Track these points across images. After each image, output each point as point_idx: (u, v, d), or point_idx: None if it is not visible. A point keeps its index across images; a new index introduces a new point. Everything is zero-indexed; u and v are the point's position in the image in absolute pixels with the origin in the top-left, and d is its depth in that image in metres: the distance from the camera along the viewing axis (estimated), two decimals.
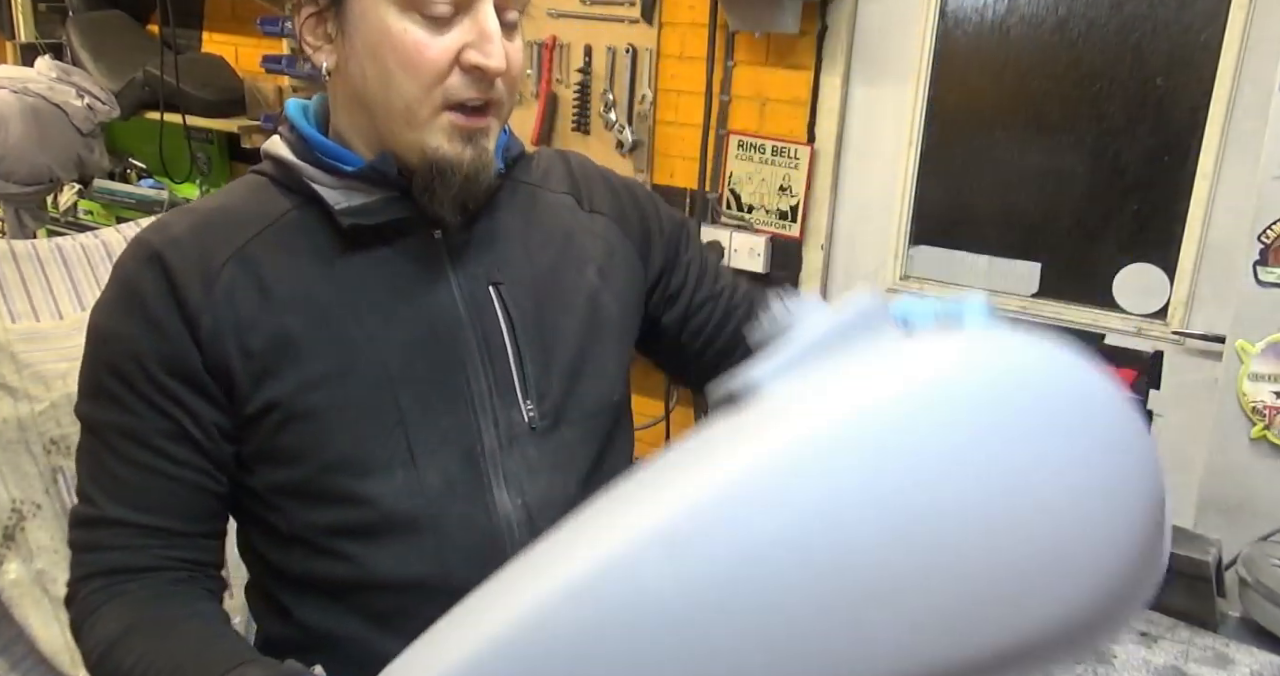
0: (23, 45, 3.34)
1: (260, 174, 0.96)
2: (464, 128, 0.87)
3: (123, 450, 0.88)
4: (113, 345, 0.88)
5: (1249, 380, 1.75)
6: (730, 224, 2.55)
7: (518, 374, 0.95)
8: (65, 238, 2.09)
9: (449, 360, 0.92)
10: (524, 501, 0.93)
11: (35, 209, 3.16)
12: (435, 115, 0.86)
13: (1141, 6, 2.06)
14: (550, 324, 0.97)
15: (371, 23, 0.85)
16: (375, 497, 0.89)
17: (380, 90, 0.86)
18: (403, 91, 0.86)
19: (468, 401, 0.92)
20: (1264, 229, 1.71)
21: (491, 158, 0.91)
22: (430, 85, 0.85)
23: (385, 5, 0.84)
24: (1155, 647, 1.09)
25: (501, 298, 0.95)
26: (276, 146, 0.95)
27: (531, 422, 0.95)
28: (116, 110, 3.06)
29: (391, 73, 0.85)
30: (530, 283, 0.97)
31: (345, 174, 0.90)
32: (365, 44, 0.86)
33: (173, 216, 0.93)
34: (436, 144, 0.87)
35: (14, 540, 1.81)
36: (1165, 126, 2.07)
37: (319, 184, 0.91)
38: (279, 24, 2.85)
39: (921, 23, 2.27)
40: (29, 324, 1.89)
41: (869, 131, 2.39)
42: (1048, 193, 2.21)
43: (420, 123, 0.87)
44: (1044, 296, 2.26)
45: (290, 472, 0.90)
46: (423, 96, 0.85)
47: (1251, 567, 1.14)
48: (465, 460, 0.92)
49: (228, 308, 0.87)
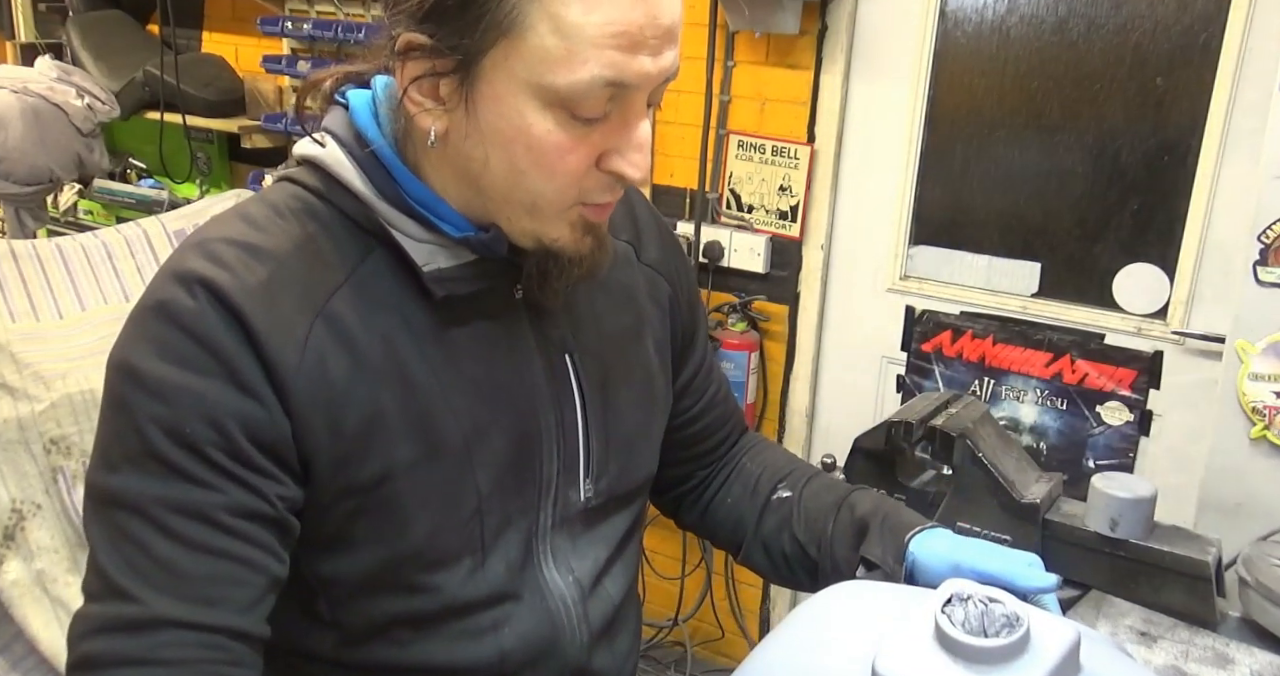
0: (23, 45, 3.34)
1: (320, 197, 0.81)
2: (588, 222, 0.80)
3: (181, 531, 0.71)
4: (176, 403, 0.72)
5: (1249, 380, 1.75)
6: (730, 224, 2.55)
7: (584, 453, 0.90)
8: (65, 237, 2.09)
9: (527, 439, 0.86)
10: (574, 577, 0.91)
11: (35, 209, 3.16)
12: (564, 212, 0.78)
13: (1141, 6, 2.06)
14: (613, 398, 0.92)
15: (506, 111, 0.73)
16: (439, 587, 0.83)
17: (505, 181, 0.76)
18: (532, 189, 0.76)
19: (536, 482, 0.87)
20: (1264, 229, 1.71)
21: (610, 245, 0.84)
22: (566, 188, 0.76)
23: (525, 96, 0.72)
24: (1155, 647, 1.09)
25: (576, 369, 0.89)
26: (343, 169, 0.80)
27: (587, 502, 0.91)
28: (116, 110, 3.06)
29: (524, 171, 0.75)
30: (599, 351, 0.92)
31: (436, 230, 0.80)
32: (493, 130, 0.74)
33: (229, 252, 0.76)
34: (558, 234, 0.79)
35: (14, 540, 1.81)
36: (1165, 126, 2.07)
37: (403, 234, 0.80)
38: (279, 24, 2.85)
39: (921, 23, 2.27)
40: (29, 324, 1.89)
41: (869, 131, 2.39)
42: (1048, 193, 2.22)
43: (547, 217, 0.78)
44: (1044, 296, 2.26)
45: (351, 562, 0.81)
46: (555, 197, 0.77)
47: (1251, 567, 1.14)
48: (523, 543, 0.88)
49: (320, 377, 0.75)
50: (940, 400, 1.31)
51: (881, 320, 2.46)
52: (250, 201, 0.83)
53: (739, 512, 1.08)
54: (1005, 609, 0.61)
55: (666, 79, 0.75)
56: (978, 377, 2.35)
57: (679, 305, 1.02)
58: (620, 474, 0.94)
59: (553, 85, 0.71)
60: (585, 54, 0.69)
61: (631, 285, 0.97)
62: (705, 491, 1.12)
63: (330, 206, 0.80)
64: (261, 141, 3.00)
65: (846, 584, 0.78)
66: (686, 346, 1.04)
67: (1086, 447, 2.26)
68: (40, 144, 2.90)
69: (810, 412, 2.62)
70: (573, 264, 0.81)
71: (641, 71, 0.72)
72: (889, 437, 1.26)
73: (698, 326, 1.06)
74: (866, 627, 0.66)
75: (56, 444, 1.81)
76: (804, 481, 1.06)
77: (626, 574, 0.99)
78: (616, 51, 0.70)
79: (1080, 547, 1.17)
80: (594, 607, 0.93)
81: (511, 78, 0.71)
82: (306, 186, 0.81)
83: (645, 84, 0.73)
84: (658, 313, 0.99)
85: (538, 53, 0.70)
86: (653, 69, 0.72)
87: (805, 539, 1.01)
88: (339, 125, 0.81)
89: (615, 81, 0.71)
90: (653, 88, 0.74)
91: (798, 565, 1.02)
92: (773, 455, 1.12)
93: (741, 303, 2.53)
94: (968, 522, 1.21)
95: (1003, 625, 0.61)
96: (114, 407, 0.75)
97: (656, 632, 2.84)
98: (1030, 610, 0.62)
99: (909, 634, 0.61)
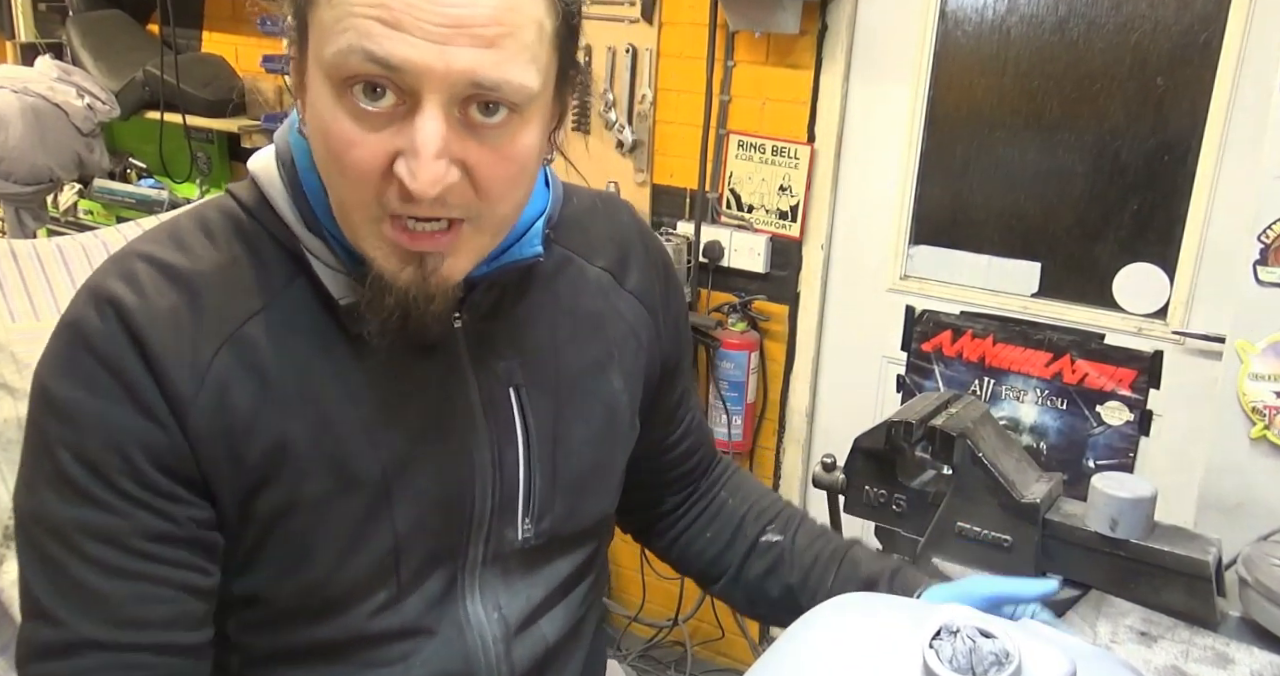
0: (23, 45, 3.34)
1: (250, 215, 0.78)
2: (403, 249, 0.70)
3: (95, 555, 0.71)
4: (81, 427, 0.71)
5: (1249, 380, 1.75)
6: (730, 224, 2.55)
7: (524, 491, 0.85)
8: (66, 237, 2.09)
9: (456, 476, 0.82)
10: (500, 614, 0.87)
11: (35, 209, 3.16)
12: (371, 224, 0.70)
13: (1141, 6, 2.06)
14: (564, 434, 0.87)
15: (315, 91, 0.69)
16: (347, 619, 0.80)
17: (325, 175, 0.72)
18: (335, 186, 0.71)
19: (466, 521, 0.83)
20: (1264, 229, 1.71)
21: (446, 285, 0.73)
22: (360, 188, 0.68)
23: (320, 79, 0.68)
24: (1155, 647, 1.09)
25: (522, 404, 0.84)
26: (272, 186, 0.77)
27: (525, 542, 0.86)
28: (116, 110, 3.06)
29: (326, 161, 0.70)
30: (552, 385, 0.86)
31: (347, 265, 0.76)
32: (313, 114, 0.70)
33: (144, 270, 0.74)
34: (374, 253, 0.71)
35: (14, 540, 1.80)
36: (1165, 126, 2.07)
37: (320, 262, 0.76)
38: (279, 24, 2.85)
39: (921, 23, 2.27)
40: (29, 324, 1.89)
41: (869, 131, 2.39)
42: (1048, 193, 2.22)
43: (356, 226, 0.71)
44: (1044, 296, 2.26)
45: (258, 586, 0.79)
46: (355, 201, 0.70)
47: (1251, 567, 1.14)
48: (447, 578, 0.84)
49: (220, 406, 0.73)
50: (940, 400, 1.31)
51: (881, 320, 2.46)
52: (186, 214, 0.81)
53: (718, 549, 1.06)
54: (995, 645, 0.60)
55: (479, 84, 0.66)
56: (978, 377, 2.36)
57: (659, 335, 0.97)
58: (568, 514, 0.89)
59: (325, 58, 0.66)
60: (346, 22, 0.64)
61: (604, 314, 0.92)
62: (679, 520, 1.09)
63: (258, 225, 0.78)
64: (261, 141, 3.00)
65: (848, 597, 0.77)
66: (669, 374, 1.00)
67: (1086, 447, 2.26)
68: (40, 144, 2.90)
69: (810, 412, 2.62)
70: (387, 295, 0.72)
71: (408, 53, 0.64)
72: (889, 437, 1.26)
73: (682, 353, 1.02)
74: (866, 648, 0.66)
75: None
76: (794, 527, 1.05)
77: (569, 616, 0.93)
78: (377, 23, 0.64)
79: (1080, 547, 1.17)
80: (520, 647, 0.88)
81: (314, 57, 0.68)
82: (242, 203, 0.79)
83: (420, 72, 0.64)
84: (633, 343, 0.94)
85: (320, 27, 0.67)
86: (433, 58, 0.64)
87: (799, 587, 1.00)
88: (280, 136, 0.79)
89: (374, 56, 0.64)
90: (447, 85, 0.65)
91: (782, 608, 1.01)
92: (753, 491, 1.10)
93: (741, 303, 2.53)
94: (968, 522, 1.21)
95: (991, 663, 0.59)
96: (31, 428, 0.74)
97: (656, 632, 2.84)
98: (1022, 644, 0.60)
99: (896, 671, 0.60)
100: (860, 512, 1.32)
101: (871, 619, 0.71)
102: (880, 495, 1.30)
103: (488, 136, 0.68)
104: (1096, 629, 1.11)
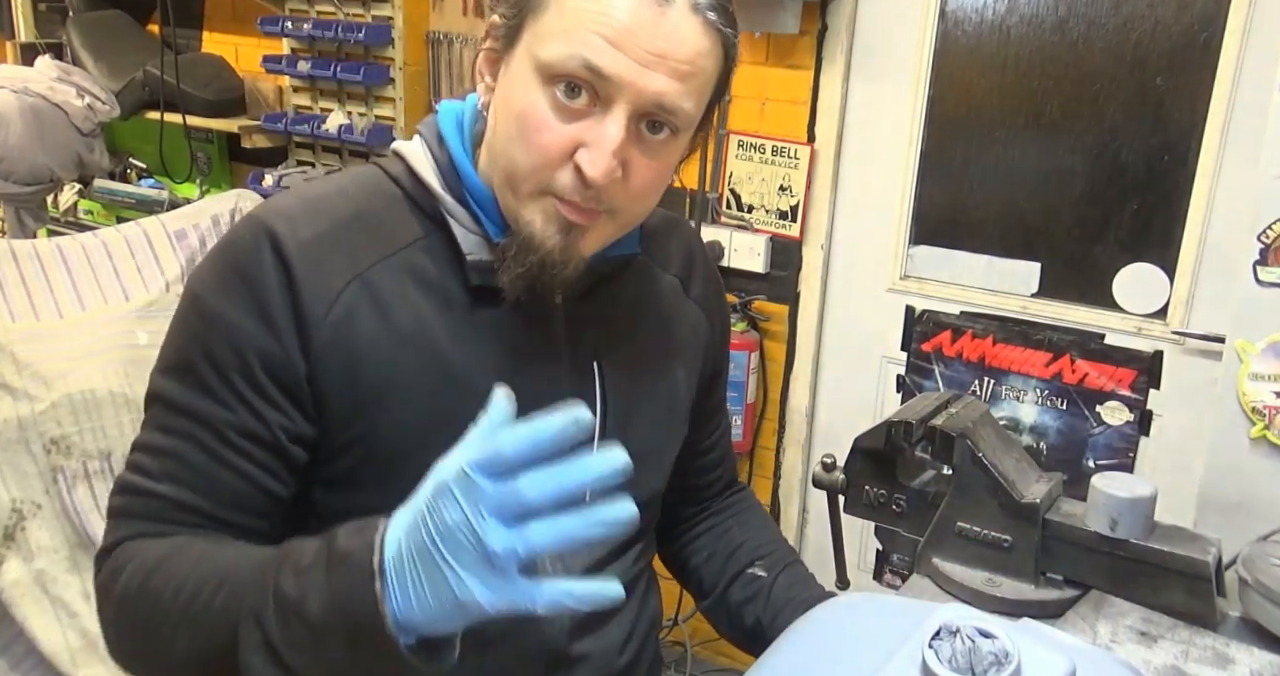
0: (23, 45, 3.34)
1: (395, 182, 0.91)
2: (562, 217, 0.83)
3: (198, 437, 0.84)
4: (215, 328, 0.83)
5: (1249, 380, 1.75)
6: (730, 224, 2.55)
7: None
8: (65, 237, 2.09)
9: None
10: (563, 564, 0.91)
11: (35, 209, 3.16)
12: (537, 195, 0.83)
13: (1141, 6, 2.06)
14: (635, 412, 0.97)
15: (516, 82, 0.82)
16: None
17: (500, 151, 0.84)
18: (515, 159, 0.82)
19: None
20: (1264, 229, 1.71)
21: (582, 257, 0.87)
22: (538, 164, 0.81)
23: (529, 70, 0.81)
24: (1155, 647, 1.09)
25: (602, 375, 0.94)
26: (419, 160, 0.90)
27: None
28: (116, 110, 3.06)
29: (513, 138, 0.82)
30: (629, 366, 0.96)
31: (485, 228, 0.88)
32: (505, 100, 0.83)
33: (300, 208, 0.87)
34: (530, 217, 0.84)
35: (14, 540, 1.81)
36: (1165, 126, 2.07)
37: (458, 223, 0.88)
38: (279, 24, 2.85)
39: (921, 23, 2.27)
40: (29, 324, 1.89)
41: (869, 131, 2.39)
42: (1048, 193, 2.22)
43: (522, 195, 0.84)
44: (1044, 296, 2.26)
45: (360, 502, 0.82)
46: (528, 174, 0.82)
47: (1251, 567, 1.14)
48: None
49: (344, 330, 0.84)
50: (940, 400, 1.31)
51: (881, 320, 2.46)
52: (338, 174, 0.95)
53: (708, 572, 1.14)
54: (994, 645, 0.60)
55: (662, 107, 0.80)
56: (978, 377, 2.36)
57: (713, 342, 1.09)
58: (627, 483, 0.94)
59: (542, 58, 0.79)
60: (574, 33, 0.78)
61: (674, 315, 1.03)
62: (685, 532, 1.17)
63: (401, 190, 0.90)
64: (261, 141, 3.00)
65: (848, 597, 0.77)
66: (712, 381, 1.11)
67: (1086, 447, 2.26)
68: (40, 144, 2.90)
69: (810, 412, 2.62)
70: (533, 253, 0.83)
71: (619, 69, 0.78)
72: (889, 437, 1.26)
73: (723, 366, 1.13)
74: (866, 648, 0.66)
75: (56, 444, 1.82)
76: (779, 567, 1.12)
77: (623, 575, 1.00)
78: (600, 39, 0.77)
79: (1080, 547, 1.17)
80: None
81: (527, 53, 0.81)
82: (386, 171, 0.92)
83: (623, 86, 0.78)
84: (695, 345, 1.05)
85: (544, 29, 0.80)
86: (636, 79, 0.78)
87: (767, 624, 1.07)
88: (427, 127, 0.92)
89: (590, 65, 0.77)
90: (639, 104, 0.79)
91: (754, 639, 1.08)
92: (758, 527, 1.18)
93: (741, 302, 2.53)
94: (967, 522, 1.21)
95: (991, 663, 0.59)
96: (176, 322, 0.87)
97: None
98: (1022, 644, 0.60)
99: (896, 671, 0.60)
100: (860, 513, 1.32)
101: (871, 619, 0.71)
102: (880, 495, 1.30)
103: (649, 148, 0.83)
104: (1096, 629, 1.11)
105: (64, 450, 1.82)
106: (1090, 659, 0.65)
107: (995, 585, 1.17)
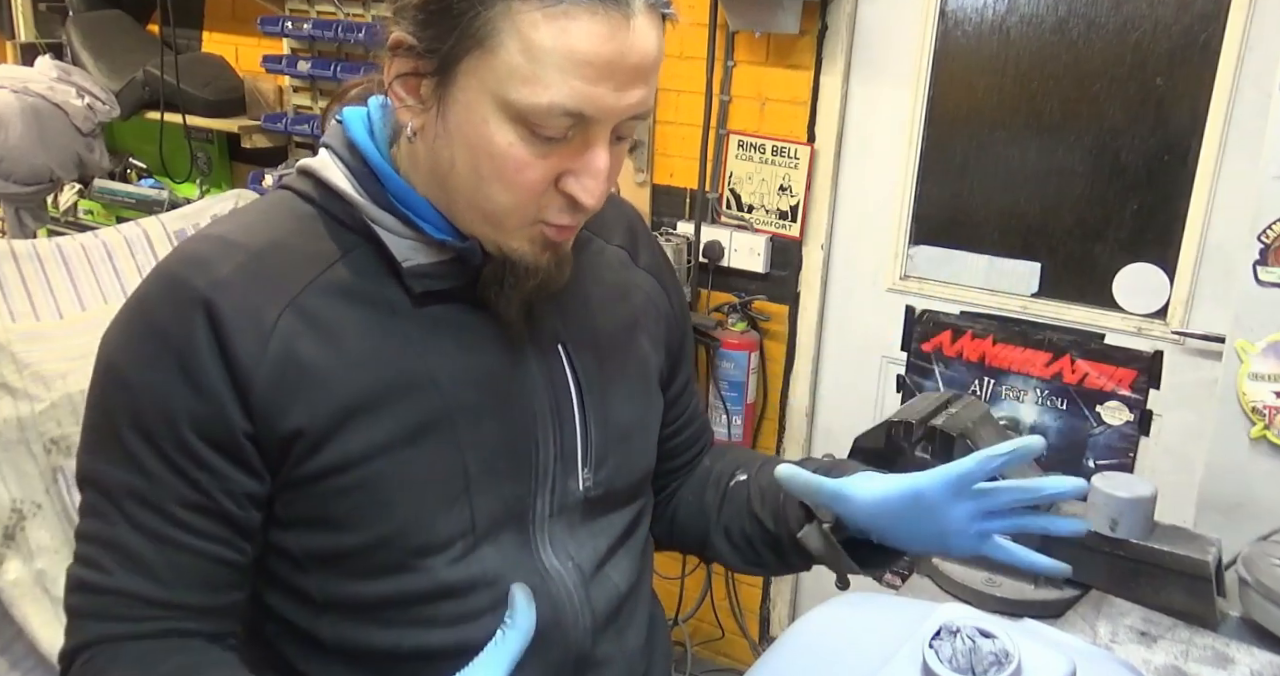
0: (23, 45, 3.34)
1: (306, 199, 0.86)
2: (548, 238, 0.82)
3: (137, 517, 0.79)
4: (137, 396, 0.78)
5: (1249, 380, 1.75)
6: (730, 224, 2.55)
7: (582, 441, 0.91)
8: (66, 237, 2.09)
9: (519, 424, 0.87)
10: (574, 563, 0.91)
11: (35, 209, 3.16)
12: (525, 227, 0.81)
13: (1141, 6, 2.06)
14: (610, 388, 0.94)
15: (473, 117, 0.76)
16: (431, 568, 0.84)
17: (468, 186, 0.79)
18: (493, 200, 0.79)
19: (531, 469, 0.88)
20: (1264, 229, 1.71)
21: (570, 261, 0.87)
22: (524, 202, 0.79)
23: (491, 107, 0.75)
24: (1155, 647, 1.09)
25: (570, 358, 0.91)
26: (331, 172, 0.85)
27: (586, 492, 0.92)
28: (116, 110, 3.06)
29: (485, 180, 0.78)
30: (593, 343, 0.94)
31: (417, 228, 0.83)
32: (460, 135, 0.77)
33: (210, 250, 0.81)
34: (518, 246, 0.82)
35: (14, 540, 1.81)
36: (1165, 126, 2.07)
37: (385, 230, 0.84)
38: (279, 24, 2.85)
39: (921, 23, 2.27)
40: (29, 324, 1.89)
41: (869, 131, 2.39)
42: (1048, 192, 2.22)
43: (507, 230, 0.81)
44: (1044, 296, 2.26)
45: (338, 540, 0.83)
46: (513, 210, 0.79)
47: (1251, 567, 1.14)
48: (519, 531, 0.89)
49: (288, 363, 0.78)
50: (940, 400, 1.31)
51: (881, 320, 2.46)
52: (244, 206, 0.90)
53: (700, 505, 1.09)
54: (994, 645, 0.60)
55: (635, 116, 0.78)
56: (978, 377, 2.36)
57: (671, 310, 1.05)
58: (620, 466, 0.95)
59: (514, 102, 0.74)
60: (548, 79, 0.73)
61: (626, 285, 1.00)
62: (671, 500, 1.13)
63: (317, 208, 0.85)
64: (261, 141, 3.00)
65: (848, 598, 0.77)
66: (676, 354, 1.06)
67: (1086, 447, 2.26)
68: (40, 144, 2.90)
69: (810, 412, 2.62)
70: (530, 277, 0.83)
71: (602, 105, 0.75)
72: (889, 437, 1.26)
73: (686, 340, 1.09)
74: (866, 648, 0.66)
75: (56, 444, 1.82)
76: (759, 464, 1.08)
77: (633, 565, 0.98)
78: (580, 81, 0.73)
79: (1080, 547, 1.17)
80: (597, 592, 0.92)
81: (482, 87, 0.75)
82: (297, 191, 0.87)
83: (606, 117, 0.76)
84: (653, 312, 1.02)
85: (505, 68, 0.74)
86: (616, 103, 0.75)
87: (763, 514, 1.02)
88: (333, 138, 0.87)
89: (574, 111, 0.74)
90: (617, 121, 0.77)
91: (760, 543, 1.03)
92: (734, 452, 1.15)
93: (741, 302, 2.53)
94: None
95: (991, 663, 0.59)
96: (93, 395, 0.82)
97: None
98: (1022, 644, 0.60)
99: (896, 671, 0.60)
100: None
101: (871, 619, 0.71)
102: None
103: (616, 152, 0.81)
104: (1096, 629, 1.11)
105: (64, 450, 1.82)
106: (1090, 659, 0.65)
107: (995, 585, 1.18)
